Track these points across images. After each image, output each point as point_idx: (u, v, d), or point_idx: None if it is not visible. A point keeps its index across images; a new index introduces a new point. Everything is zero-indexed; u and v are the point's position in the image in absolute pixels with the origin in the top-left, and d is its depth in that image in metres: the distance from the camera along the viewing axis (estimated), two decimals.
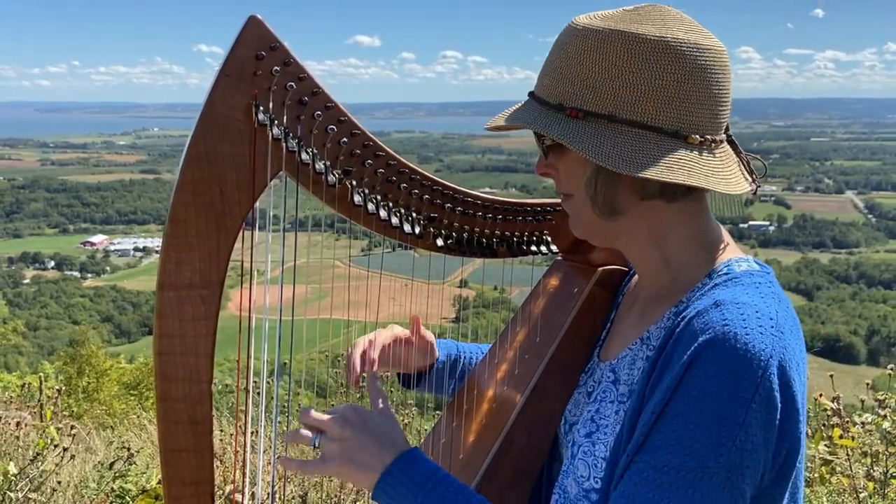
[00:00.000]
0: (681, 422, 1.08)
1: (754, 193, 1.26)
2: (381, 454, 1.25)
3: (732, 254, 1.27)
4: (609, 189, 1.22)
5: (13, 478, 3.70)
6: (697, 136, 1.17)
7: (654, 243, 1.27)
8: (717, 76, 1.18)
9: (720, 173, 1.19)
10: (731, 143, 1.26)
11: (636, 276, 1.47)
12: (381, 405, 1.33)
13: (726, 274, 1.22)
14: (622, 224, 1.26)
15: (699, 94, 1.16)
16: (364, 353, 1.59)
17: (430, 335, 1.70)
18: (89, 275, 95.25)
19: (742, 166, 1.25)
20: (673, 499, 1.07)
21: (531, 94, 1.27)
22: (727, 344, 1.08)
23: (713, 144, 1.20)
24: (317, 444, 1.29)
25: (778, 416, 1.09)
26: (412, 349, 1.67)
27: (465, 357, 1.75)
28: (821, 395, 3.80)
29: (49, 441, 3.93)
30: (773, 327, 1.11)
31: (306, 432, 1.30)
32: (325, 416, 1.29)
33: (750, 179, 1.25)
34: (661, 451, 1.09)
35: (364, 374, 1.58)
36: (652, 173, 1.14)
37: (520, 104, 1.28)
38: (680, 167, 1.16)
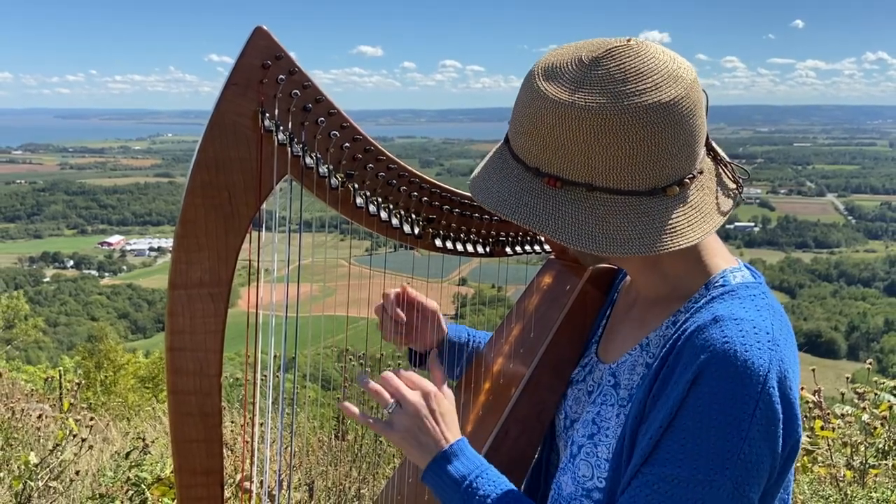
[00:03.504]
0: (688, 436, 1.08)
1: (739, 195, 1.24)
2: (438, 441, 1.28)
3: (725, 262, 1.26)
4: (594, 255, 1.23)
5: (34, 467, 3.70)
6: (676, 187, 1.14)
7: (649, 265, 1.27)
8: (689, 122, 1.12)
9: (698, 216, 1.16)
10: (710, 152, 1.22)
11: None
12: (444, 386, 1.36)
13: (722, 286, 1.21)
14: (615, 261, 1.27)
15: (673, 148, 1.12)
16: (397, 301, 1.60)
17: (432, 304, 1.65)
18: (106, 273, 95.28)
19: (725, 175, 1.24)
20: None
21: (508, 144, 1.22)
22: (728, 361, 1.08)
23: (692, 181, 1.16)
24: (390, 411, 1.31)
25: (780, 426, 1.09)
26: (418, 317, 1.64)
27: (474, 342, 1.73)
28: (802, 389, 3.81)
29: (68, 432, 3.93)
30: (769, 341, 1.11)
31: (386, 395, 1.31)
32: (407, 391, 1.31)
33: (733, 187, 1.23)
34: (669, 464, 1.09)
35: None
36: (634, 250, 1.12)
37: (496, 152, 1.24)
38: (661, 233, 1.13)
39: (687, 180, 1.15)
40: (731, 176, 1.24)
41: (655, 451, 1.10)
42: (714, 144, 1.23)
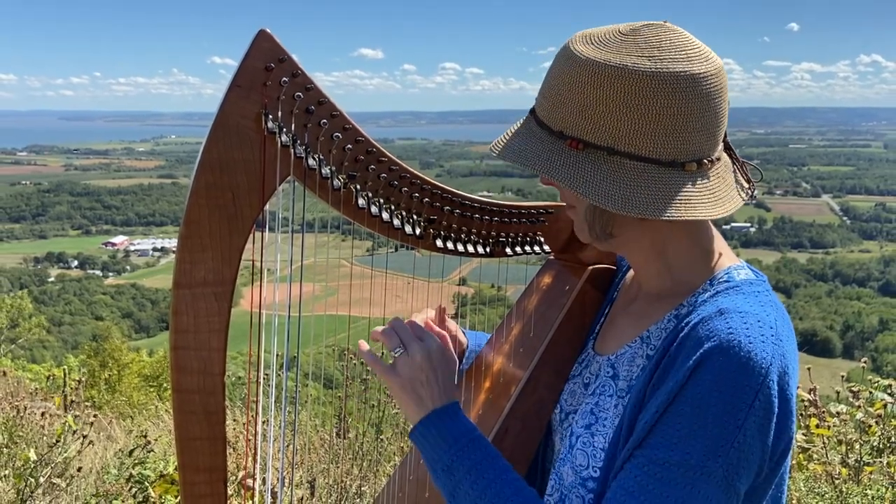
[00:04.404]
0: (684, 421, 1.08)
1: (751, 196, 1.25)
2: (434, 399, 1.28)
3: (729, 260, 1.26)
4: (606, 219, 1.22)
5: (33, 464, 3.70)
6: (694, 164, 1.15)
7: (655, 253, 1.27)
8: (714, 102, 1.14)
9: (713, 197, 1.17)
10: (728, 149, 1.23)
11: (631, 272, 1.46)
12: (449, 350, 1.37)
13: (727, 282, 1.21)
14: (623, 240, 1.26)
15: (696, 123, 1.13)
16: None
17: (452, 325, 1.67)
18: (110, 273, 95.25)
19: (739, 173, 1.24)
20: (672, 494, 1.06)
21: (533, 112, 1.23)
22: (732, 351, 1.08)
23: (710, 165, 1.17)
24: (396, 355, 1.31)
25: (774, 420, 1.09)
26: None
27: None
28: (798, 388, 3.81)
29: (67, 428, 3.93)
30: (773, 336, 1.11)
31: (395, 337, 1.32)
32: (415, 340, 1.32)
33: (746, 186, 1.24)
34: (662, 448, 1.08)
35: None
36: (647, 212, 1.12)
37: (521, 122, 1.25)
38: (674, 202, 1.13)
39: (706, 162, 1.16)
40: (744, 175, 1.25)
41: (650, 435, 1.10)
42: (731, 143, 1.24)
